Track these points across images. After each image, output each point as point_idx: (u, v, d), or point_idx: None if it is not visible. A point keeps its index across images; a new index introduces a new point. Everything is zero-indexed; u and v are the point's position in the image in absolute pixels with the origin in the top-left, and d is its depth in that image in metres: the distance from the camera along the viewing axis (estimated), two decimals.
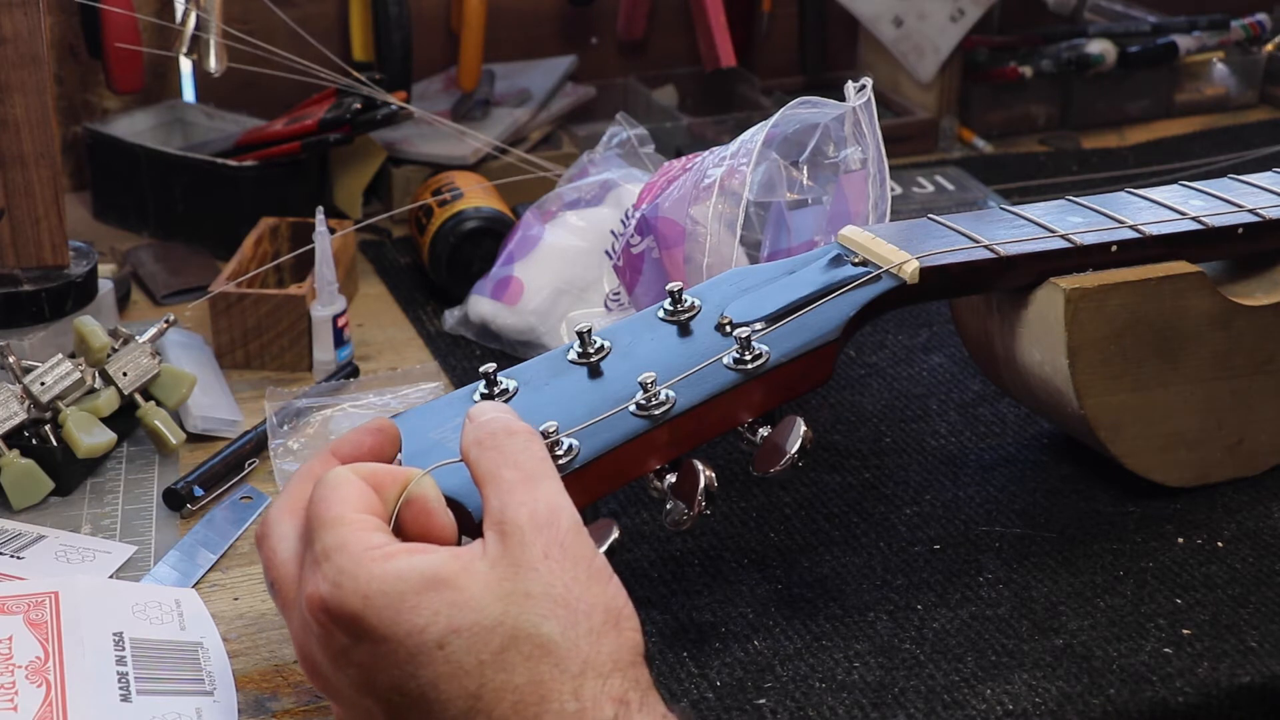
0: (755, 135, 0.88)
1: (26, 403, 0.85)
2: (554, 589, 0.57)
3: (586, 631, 0.57)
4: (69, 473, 0.85)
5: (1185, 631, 0.74)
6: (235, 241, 1.06)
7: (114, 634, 0.70)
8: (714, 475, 0.68)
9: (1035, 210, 0.83)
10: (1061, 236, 0.80)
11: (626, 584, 0.59)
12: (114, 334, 0.89)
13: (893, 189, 0.90)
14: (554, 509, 0.59)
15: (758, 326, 0.72)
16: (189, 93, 1.30)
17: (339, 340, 0.99)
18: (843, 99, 0.88)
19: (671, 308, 0.74)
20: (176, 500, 0.84)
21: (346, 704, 0.60)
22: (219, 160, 1.16)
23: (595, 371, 0.71)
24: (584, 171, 1.06)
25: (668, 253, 0.89)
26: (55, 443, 0.85)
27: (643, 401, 0.68)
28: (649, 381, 0.67)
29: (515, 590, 0.57)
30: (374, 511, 0.60)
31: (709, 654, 0.73)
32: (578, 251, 1.00)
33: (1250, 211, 0.84)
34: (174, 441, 0.88)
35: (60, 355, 0.86)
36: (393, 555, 0.57)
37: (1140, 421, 0.81)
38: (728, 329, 0.72)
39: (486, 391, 0.70)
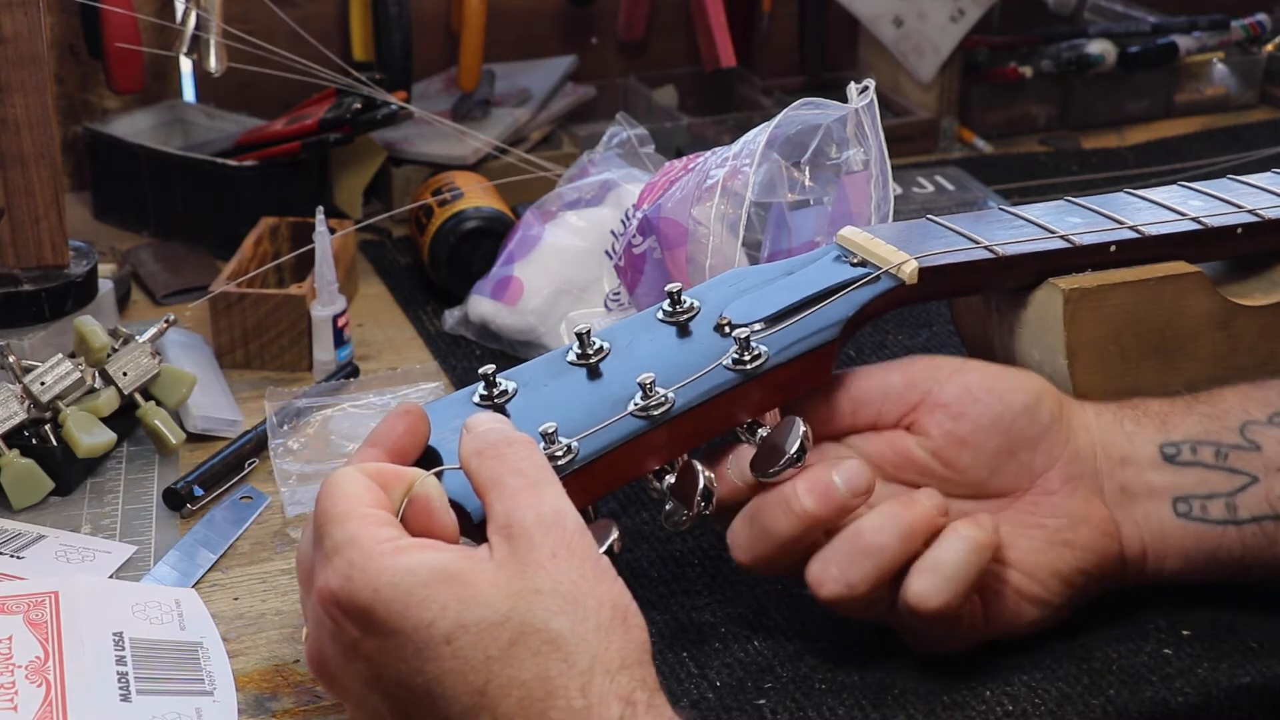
0: (758, 136, 0.88)
1: (26, 403, 0.85)
2: (562, 585, 0.57)
3: (595, 627, 0.57)
4: (69, 473, 0.85)
5: (1185, 632, 0.74)
6: (235, 241, 1.06)
7: (114, 634, 0.70)
8: (713, 476, 0.68)
9: (1035, 210, 0.83)
10: (1061, 237, 0.80)
11: (626, 584, 0.59)
12: (114, 334, 0.89)
13: (894, 190, 0.90)
14: (559, 512, 0.59)
15: (757, 327, 0.72)
16: (189, 93, 1.30)
17: (339, 340, 0.99)
18: (843, 99, 0.88)
19: (671, 308, 0.74)
20: (176, 500, 0.84)
21: (355, 701, 0.60)
22: (219, 160, 1.16)
23: (594, 372, 0.71)
24: (584, 171, 1.06)
25: (670, 253, 0.89)
26: (55, 442, 0.85)
27: (641, 402, 0.68)
28: (648, 382, 0.67)
29: (524, 588, 0.57)
30: (382, 507, 0.61)
31: (709, 654, 0.73)
32: (578, 251, 1.00)
33: (1250, 212, 0.84)
34: (174, 441, 0.88)
35: (60, 355, 0.86)
36: (403, 549, 0.58)
37: None
38: (727, 330, 0.72)
39: (486, 393, 0.70)
